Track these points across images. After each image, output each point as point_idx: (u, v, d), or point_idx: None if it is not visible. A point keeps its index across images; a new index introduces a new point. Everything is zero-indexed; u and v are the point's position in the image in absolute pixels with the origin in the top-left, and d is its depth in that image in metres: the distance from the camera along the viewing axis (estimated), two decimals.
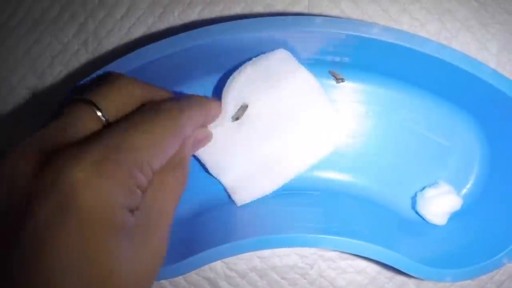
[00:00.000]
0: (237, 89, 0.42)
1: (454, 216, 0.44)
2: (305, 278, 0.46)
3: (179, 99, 0.35)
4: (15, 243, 0.26)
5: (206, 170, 0.43)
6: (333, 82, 0.44)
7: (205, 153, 0.43)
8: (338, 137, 0.43)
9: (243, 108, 0.42)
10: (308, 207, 0.43)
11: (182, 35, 0.37)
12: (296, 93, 0.42)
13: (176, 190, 0.33)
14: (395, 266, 0.39)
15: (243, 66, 0.42)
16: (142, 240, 0.29)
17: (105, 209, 0.26)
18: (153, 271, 0.30)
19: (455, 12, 0.44)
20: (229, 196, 0.44)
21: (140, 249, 0.29)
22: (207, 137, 0.41)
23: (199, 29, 0.37)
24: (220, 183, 0.44)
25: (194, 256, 0.39)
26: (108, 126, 0.31)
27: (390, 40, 0.37)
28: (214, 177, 0.43)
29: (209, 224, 0.43)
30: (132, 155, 0.28)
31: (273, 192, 0.44)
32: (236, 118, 0.42)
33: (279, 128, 0.43)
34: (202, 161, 0.43)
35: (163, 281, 0.46)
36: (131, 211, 0.29)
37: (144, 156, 0.29)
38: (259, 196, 0.44)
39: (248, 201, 0.44)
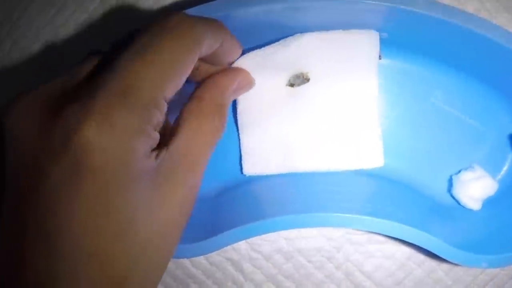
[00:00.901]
0: (299, 52, 0.40)
1: (488, 201, 0.42)
2: (331, 262, 0.45)
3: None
4: (30, 205, 0.25)
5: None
6: None
7: (244, 104, 0.41)
8: (377, 157, 0.42)
9: (303, 79, 0.40)
10: (339, 187, 0.42)
11: None
12: (356, 90, 0.41)
13: (212, 139, 0.31)
14: (429, 249, 0.38)
15: (316, 33, 0.40)
16: (169, 188, 0.28)
17: (120, 160, 0.25)
18: (181, 222, 0.29)
19: None
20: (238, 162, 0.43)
21: (167, 197, 0.27)
22: (250, 83, 0.39)
23: None
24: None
25: (217, 236, 0.38)
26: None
27: (433, 14, 0.36)
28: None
29: (233, 203, 0.42)
30: (144, 95, 0.26)
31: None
32: (291, 84, 0.40)
33: (325, 115, 0.42)
34: (237, 108, 0.41)
35: (184, 261, 0.45)
36: (151, 155, 0.27)
37: (157, 92, 0.27)
38: (269, 173, 0.42)
39: (256, 173, 0.42)
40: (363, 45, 0.40)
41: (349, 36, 0.40)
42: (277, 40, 0.40)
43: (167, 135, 0.29)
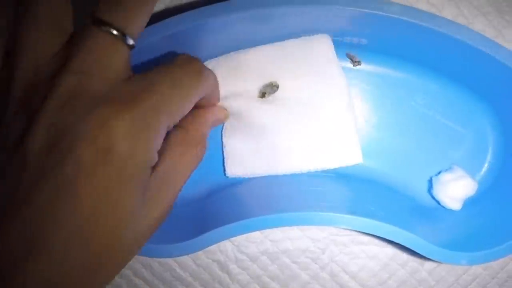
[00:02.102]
0: (267, 62, 0.42)
1: (469, 201, 0.43)
2: (316, 263, 0.45)
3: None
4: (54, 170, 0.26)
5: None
6: (350, 64, 0.44)
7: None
8: (355, 154, 0.43)
9: (272, 87, 0.42)
10: (322, 187, 0.43)
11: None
12: (325, 90, 0.43)
13: (193, 164, 0.35)
14: (410, 247, 0.38)
15: (278, 43, 0.42)
16: (154, 204, 0.30)
17: (136, 164, 0.28)
18: (152, 233, 0.31)
19: None
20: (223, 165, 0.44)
21: (150, 211, 0.30)
22: (226, 117, 0.42)
23: (226, 2, 0.38)
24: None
25: (203, 235, 0.39)
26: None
27: (410, 20, 0.37)
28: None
29: (219, 204, 0.43)
30: (165, 118, 0.29)
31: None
32: (263, 93, 0.42)
33: (300, 117, 0.43)
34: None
35: (172, 263, 0.46)
36: (150, 172, 0.30)
37: (174, 117, 0.31)
38: (251, 176, 0.44)
39: (238, 175, 0.44)
40: (318, 48, 0.42)
41: (303, 42, 0.42)
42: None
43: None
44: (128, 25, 0.29)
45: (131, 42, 0.29)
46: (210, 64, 0.43)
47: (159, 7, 0.44)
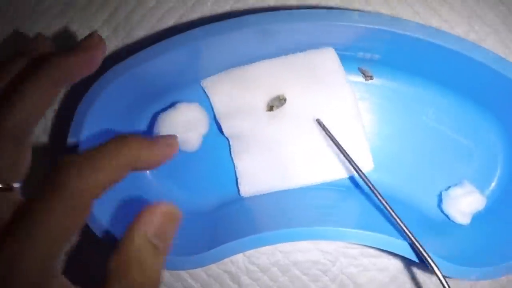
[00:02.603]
0: (274, 76, 0.42)
1: (477, 216, 0.44)
2: (326, 275, 0.46)
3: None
4: None
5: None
6: (362, 79, 0.44)
7: (230, 131, 0.44)
8: (366, 160, 0.44)
9: (280, 100, 0.42)
10: (333, 201, 0.43)
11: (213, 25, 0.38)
12: (332, 101, 0.43)
13: None
14: (420, 261, 0.39)
15: (284, 56, 0.42)
16: None
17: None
18: None
19: (483, 15, 0.44)
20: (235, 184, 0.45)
21: None
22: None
23: (233, 19, 0.38)
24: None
25: (216, 249, 0.39)
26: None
27: (425, 37, 0.38)
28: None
29: (231, 217, 0.43)
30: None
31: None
32: (271, 107, 0.42)
33: (309, 130, 0.43)
34: (225, 135, 0.44)
35: (183, 273, 0.46)
36: None
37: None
38: (264, 192, 0.44)
39: (252, 194, 0.44)
40: (324, 61, 0.43)
41: (309, 55, 0.43)
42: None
43: None
44: (9, 177, 0.30)
45: (17, 185, 0.30)
46: (216, 78, 0.43)
47: (167, 24, 0.45)
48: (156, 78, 0.41)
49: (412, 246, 0.39)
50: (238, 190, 0.44)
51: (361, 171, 0.41)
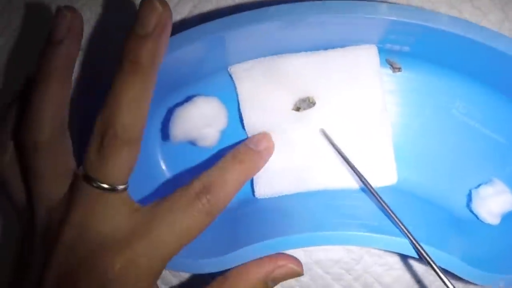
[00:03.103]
0: (306, 73, 0.40)
1: (508, 216, 0.42)
2: (350, 274, 0.45)
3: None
4: None
5: None
6: (389, 70, 0.42)
7: (252, 128, 0.42)
8: (391, 174, 0.42)
9: (309, 103, 0.40)
10: (356, 201, 0.42)
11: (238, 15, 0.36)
12: (364, 109, 0.42)
13: None
14: (447, 269, 0.38)
15: (320, 51, 0.41)
16: None
17: None
18: None
19: None
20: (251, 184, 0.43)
21: None
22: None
23: (252, 11, 0.36)
24: None
25: (237, 251, 0.38)
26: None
27: (458, 32, 0.36)
28: None
29: (252, 217, 0.42)
30: (159, 258, 0.34)
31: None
32: (297, 107, 0.40)
33: (334, 136, 0.42)
34: (246, 132, 0.42)
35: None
36: None
37: (171, 255, 0.35)
38: (280, 194, 0.43)
39: (268, 196, 0.43)
40: (363, 61, 0.41)
41: (347, 53, 0.40)
42: None
43: None
44: (114, 178, 0.32)
45: (121, 187, 0.33)
46: (245, 65, 0.41)
47: (181, 15, 0.43)
48: (172, 71, 0.39)
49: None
50: (253, 191, 0.43)
51: (368, 182, 0.40)
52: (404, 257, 0.44)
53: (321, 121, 0.41)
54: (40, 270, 0.33)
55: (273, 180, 0.42)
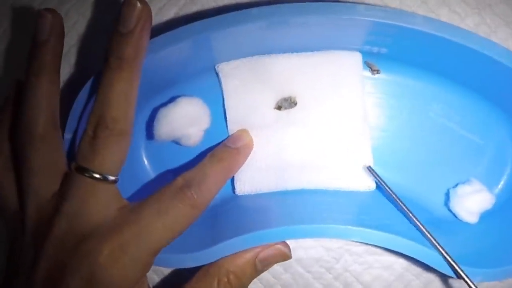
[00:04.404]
0: (289, 73, 0.41)
1: (486, 215, 0.43)
2: (330, 272, 0.45)
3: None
4: None
5: None
6: (369, 73, 0.43)
7: (234, 126, 0.43)
8: (368, 181, 0.43)
9: (290, 103, 0.41)
10: (337, 198, 0.42)
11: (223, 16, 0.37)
12: (344, 112, 0.42)
13: None
14: (425, 262, 0.38)
15: (306, 53, 0.41)
16: None
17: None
18: None
19: (495, 7, 0.43)
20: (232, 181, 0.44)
21: None
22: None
23: (235, 12, 0.37)
24: None
25: (217, 245, 0.39)
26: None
27: (433, 32, 0.37)
28: None
29: (234, 213, 0.43)
30: (147, 246, 0.34)
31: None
32: (279, 106, 0.41)
33: (315, 137, 0.43)
34: (228, 129, 0.43)
35: (183, 269, 0.45)
36: None
37: (159, 245, 0.35)
38: (260, 192, 0.43)
39: (248, 193, 0.44)
40: (347, 67, 0.42)
41: (332, 57, 0.41)
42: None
43: None
44: (106, 168, 0.34)
45: (112, 178, 0.34)
46: (232, 63, 0.42)
47: (167, 16, 0.44)
48: (156, 72, 0.40)
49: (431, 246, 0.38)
50: (233, 188, 0.43)
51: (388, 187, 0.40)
52: (383, 256, 0.45)
53: (301, 121, 0.42)
54: (31, 266, 0.34)
55: (253, 177, 0.43)
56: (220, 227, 0.41)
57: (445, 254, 0.38)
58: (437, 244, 0.38)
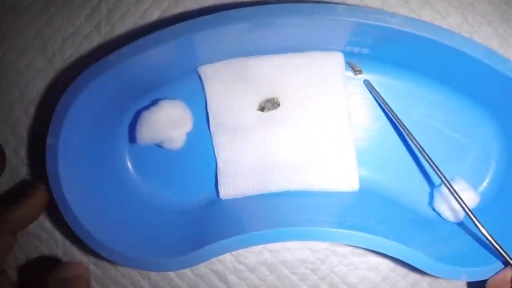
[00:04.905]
0: (272, 74, 0.41)
1: None
2: (316, 274, 0.45)
3: None
4: None
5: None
6: (351, 73, 0.43)
7: (216, 127, 0.43)
8: (353, 181, 0.43)
9: (273, 104, 0.41)
10: (322, 200, 0.42)
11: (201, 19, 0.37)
12: (327, 112, 0.42)
13: None
14: (410, 263, 0.38)
15: (288, 54, 0.42)
16: None
17: None
18: None
19: (477, 6, 0.43)
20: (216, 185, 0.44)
21: None
22: None
23: (216, 14, 0.37)
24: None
25: (203, 248, 0.38)
26: None
27: (412, 31, 0.36)
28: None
29: (217, 216, 0.43)
30: None
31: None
32: (262, 107, 0.41)
33: (298, 137, 0.43)
34: (211, 131, 0.43)
35: (170, 273, 0.45)
36: None
37: None
38: (244, 195, 0.43)
39: (232, 197, 0.43)
40: (329, 68, 0.42)
41: (315, 58, 0.41)
42: None
43: None
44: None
45: None
46: (215, 66, 0.42)
47: (150, 19, 0.44)
48: (138, 76, 0.40)
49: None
50: (217, 192, 0.43)
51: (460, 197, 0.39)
52: (368, 257, 0.45)
53: (285, 122, 0.42)
54: None
55: (237, 181, 0.43)
56: (205, 230, 0.41)
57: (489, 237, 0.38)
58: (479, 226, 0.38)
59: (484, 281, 0.39)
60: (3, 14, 0.44)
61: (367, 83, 0.42)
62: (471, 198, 0.42)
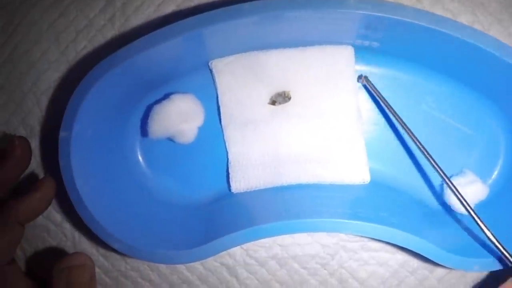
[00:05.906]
0: (283, 68, 0.42)
1: (480, 206, 0.43)
2: (325, 269, 0.45)
3: None
4: None
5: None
6: (362, 67, 0.43)
7: (228, 120, 0.43)
8: (363, 173, 0.43)
9: (284, 98, 0.41)
10: (333, 193, 0.42)
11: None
12: (338, 106, 0.43)
13: None
14: (423, 254, 0.38)
15: (298, 48, 0.42)
16: None
17: None
18: None
19: (487, 5, 0.43)
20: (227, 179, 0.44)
21: None
22: None
23: (226, 8, 0.37)
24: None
25: (213, 242, 0.39)
26: None
27: (424, 24, 0.37)
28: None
29: (228, 209, 0.43)
30: None
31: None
32: (273, 101, 0.41)
33: (309, 131, 0.43)
34: (222, 125, 0.43)
35: (180, 266, 0.45)
36: None
37: None
38: (256, 188, 0.43)
39: (243, 190, 0.43)
40: (339, 61, 0.42)
41: (325, 52, 0.42)
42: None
43: None
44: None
45: None
46: (226, 60, 0.42)
47: (164, 11, 0.44)
48: (150, 69, 0.40)
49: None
50: (229, 186, 0.43)
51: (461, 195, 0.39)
52: (378, 253, 0.45)
53: (295, 116, 0.42)
54: None
55: (248, 175, 0.43)
56: (216, 223, 0.41)
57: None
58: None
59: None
60: (16, 5, 0.44)
61: (366, 79, 0.42)
62: (480, 190, 0.42)
